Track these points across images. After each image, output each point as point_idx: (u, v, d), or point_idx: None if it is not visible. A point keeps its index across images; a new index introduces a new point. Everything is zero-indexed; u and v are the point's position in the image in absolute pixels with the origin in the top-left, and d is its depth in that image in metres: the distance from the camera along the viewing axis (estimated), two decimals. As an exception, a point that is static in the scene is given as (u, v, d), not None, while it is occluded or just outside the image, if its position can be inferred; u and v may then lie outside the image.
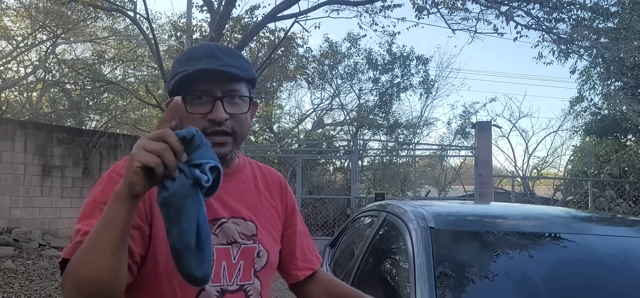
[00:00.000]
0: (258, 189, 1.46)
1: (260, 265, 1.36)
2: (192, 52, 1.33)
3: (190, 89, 1.26)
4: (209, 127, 1.26)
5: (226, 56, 1.30)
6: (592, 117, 13.69)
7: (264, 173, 1.52)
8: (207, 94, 1.26)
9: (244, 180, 1.43)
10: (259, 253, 1.36)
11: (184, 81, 1.25)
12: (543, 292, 1.80)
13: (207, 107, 1.26)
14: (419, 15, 8.96)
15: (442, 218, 2.16)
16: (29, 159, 9.63)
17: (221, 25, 8.47)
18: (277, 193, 1.51)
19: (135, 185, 1.00)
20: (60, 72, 13.33)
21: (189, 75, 1.24)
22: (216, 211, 1.31)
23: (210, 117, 1.26)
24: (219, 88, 1.27)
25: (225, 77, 1.27)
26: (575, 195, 12.44)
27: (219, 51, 1.31)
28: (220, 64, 1.26)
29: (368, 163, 14.94)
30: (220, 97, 1.26)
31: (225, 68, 1.26)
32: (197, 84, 1.25)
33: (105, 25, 14.83)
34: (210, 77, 1.25)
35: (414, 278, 1.76)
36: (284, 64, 12.59)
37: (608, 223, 2.58)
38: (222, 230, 1.30)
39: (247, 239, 1.34)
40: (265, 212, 1.44)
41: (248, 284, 1.32)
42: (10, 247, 8.34)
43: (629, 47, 9.17)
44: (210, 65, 1.25)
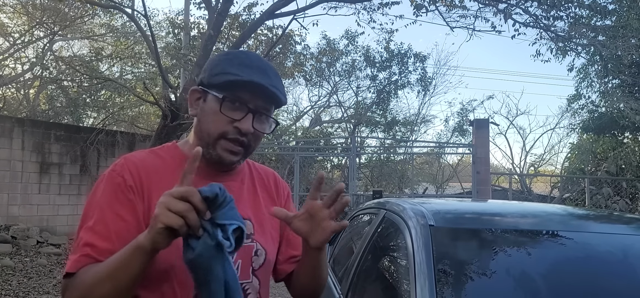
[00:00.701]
0: (255, 188, 1.47)
1: (258, 264, 1.36)
2: (244, 58, 1.34)
3: (230, 92, 1.28)
4: (232, 133, 1.29)
5: (274, 77, 1.34)
6: (589, 115, 13.72)
7: (260, 172, 1.53)
8: (243, 103, 1.29)
9: (243, 179, 1.45)
10: (257, 252, 1.36)
11: (233, 84, 1.27)
12: (541, 289, 1.80)
13: (238, 115, 1.28)
14: (417, 12, 8.96)
15: (441, 216, 2.16)
16: (26, 156, 9.62)
17: (219, 22, 8.46)
18: (273, 191, 1.53)
19: (158, 243, 1.05)
20: (57, 69, 13.28)
21: (244, 83, 1.27)
22: None
23: (237, 125, 1.28)
24: (255, 102, 1.30)
25: (269, 98, 1.31)
26: (573, 193, 12.47)
27: (269, 69, 1.35)
28: (270, 83, 1.30)
29: (365, 160, 14.96)
30: (253, 111, 1.29)
31: (275, 90, 1.30)
32: (238, 90, 1.28)
33: (103, 22, 14.81)
34: (256, 91, 1.29)
35: (413, 275, 1.77)
36: (281, 61, 12.58)
37: (605, 220, 2.59)
38: None
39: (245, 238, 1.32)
40: (263, 210, 1.45)
41: (246, 283, 1.33)
42: (8, 245, 8.33)
43: (626, 44, 9.19)
44: (262, 81, 1.28)
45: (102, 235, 1.18)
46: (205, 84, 1.33)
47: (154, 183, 1.27)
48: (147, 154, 1.35)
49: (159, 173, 1.30)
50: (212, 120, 1.29)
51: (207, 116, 1.31)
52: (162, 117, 8.44)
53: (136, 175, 1.25)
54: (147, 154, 1.35)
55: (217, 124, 1.29)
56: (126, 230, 1.20)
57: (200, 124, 1.33)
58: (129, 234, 1.19)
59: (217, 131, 1.29)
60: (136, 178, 1.25)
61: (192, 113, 1.36)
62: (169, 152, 1.38)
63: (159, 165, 1.32)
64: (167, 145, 1.41)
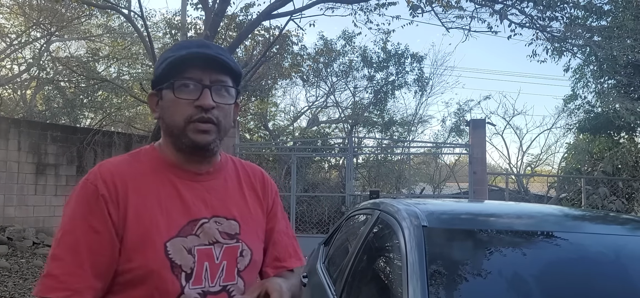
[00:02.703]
0: (241, 186, 1.45)
1: (244, 264, 1.35)
2: (183, 42, 1.36)
3: (178, 76, 1.27)
4: (196, 114, 1.27)
5: (216, 48, 1.34)
6: (585, 115, 13.73)
7: (246, 169, 1.51)
8: (196, 81, 1.27)
9: (227, 177, 1.42)
10: (242, 252, 1.34)
11: (174, 66, 1.27)
12: (536, 290, 1.81)
13: (195, 94, 1.27)
14: (413, 13, 8.98)
15: (435, 217, 2.17)
16: (23, 157, 9.60)
17: (216, 22, 8.46)
18: (260, 189, 1.50)
19: None
20: (54, 70, 13.28)
21: (182, 58, 1.26)
22: (197, 211, 1.30)
23: (198, 104, 1.26)
24: (208, 77, 1.28)
25: (217, 65, 1.30)
26: (569, 193, 12.48)
27: (210, 43, 1.36)
28: (213, 52, 1.30)
29: (363, 160, 14.93)
30: (208, 86, 1.28)
31: (219, 56, 1.30)
32: (187, 71, 1.27)
33: (100, 23, 14.80)
34: (201, 63, 1.28)
35: (406, 276, 1.77)
36: (279, 62, 12.59)
37: (601, 221, 2.60)
38: (204, 230, 1.29)
39: (230, 238, 1.33)
40: (249, 209, 1.43)
41: (231, 284, 1.31)
42: (4, 246, 8.31)
43: (622, 45, 9.21)
44: (203, 50, 1.28)
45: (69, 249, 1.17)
46: (156, 82, 1.33)
47: (131, 188, 1.25)
48: (125, 159, 1.34)
49: (137, 178, 1.28)
50: (173, 110, 1.28)
51: (167, 110, 1.30)
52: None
53: (110, 182, 1.23)
54: (124, 159, 1.34)
55: (178, 111, 1.28)
56: (98, 242, 1.19)
57: (164, 121, 1.32)
58: (100, 246, 1.19)
59: (181, 118, 1.27)
60: (110, 185, 1.23)
61: (155, 117, 1.36)
62: (147, 155, 1.36)
63: (137, 170, 1.30)
64: (145, 148, 1.39)
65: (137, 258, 1.20)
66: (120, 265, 1.21)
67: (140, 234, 1.21)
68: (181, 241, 1.24)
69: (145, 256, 1.20)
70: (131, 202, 1.23)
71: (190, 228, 1.26)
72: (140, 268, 1.19)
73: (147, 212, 1.23)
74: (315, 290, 3.08)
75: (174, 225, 1.25)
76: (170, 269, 1.21)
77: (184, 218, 1.27)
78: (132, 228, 1.21)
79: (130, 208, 1.22)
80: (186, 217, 1.27)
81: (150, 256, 1.20)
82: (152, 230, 1.22)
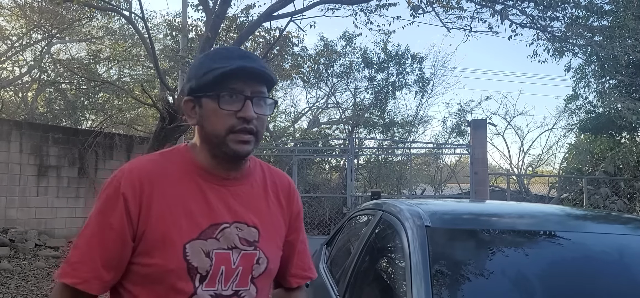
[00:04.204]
0: (266, 193, 1.47)
1: (259, 272, 1.37)
2: (224, 52, 1.37)
3: (221, 87, 1.29)
4: (238, 125, 1.30)
5: (258, 59, 1.37)
6: (586, 115, 13.72)
7: (274, 177, 1.52)
8: (238, 92, 1.30)
9: (253, 183, 1.44)
10: (259, 260, 1.37)
11: (223, 77, 1.29)
12: (538, 289, 1.81)
13: (238, 105, 1.29)
14: (414, 14, 8.97)
15: (438, 217, 2.17)
16: (24, 159, 9.61)
17: (217, 24, 8.46)
18: (284, 199, 1.52)
19: None
20: (55, 72, 13.26)
21: (232, 71, 1.28)
22: (220, 215, 1.32)
23: (241, 115, 1.29)
24: (249, 88, 1.31)
25: (260, 78, 1.33)
26: (570, 193, 12.48)
27: (251, 53, 1.39)
28: (258, 64, 1.32)
29: (364, 161, 14.93)
30: (250, 97, 1.31)
31: (263, 69, 1.32)
32: (231, 82, 1.30)
33: (101, 25, 14.80)
34: (246, 76, 1.30)
35: (410, 276, 1.77)
36: (279, 63, 12.57)
37: (603, 221, 2.60)
38: (224, 235, 1.31)
39: (248, 245, 1.35)
40: (271, 217, 1.45)
41: (243, 290, 1.33)
42: (6, 248, 8.33)
43: (623, 45, 9.21)
44: (250, 64, 1.31)
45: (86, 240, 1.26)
46: (196, 89, 1.34)
47: (156, 188, 1.29)
48: (155, 158, 1.37)
49: (165, 178, 1.31)
50: (216, 120, 1.30)
51: (208, 118, 1.32)
52: (160, 120, 8.44)
53: (136, 181, 1.27)
54: (155, 158, 1.37)
55: (221, 121, 1.30)
56: (110, 238, 1.24)
57: (204, 129, 1.34)
58: (112, 242, 1.25)
59: (224, 128, 1.29)
60: (136, 184, 1.27)
61: (192, 123, 1.38)
62: (179, 155, 1.38)
63: (165, 170, 1.33)
64: (178, 147, 1.42)
65: (157, 256, 1.24)
66: (140, 259, 1.26)
67: (161, 233, 1.25)
68: (201, 244, 1.27)
69: (164, 255, 1.24)
70: (155, 201, 1.27)
71: (211, 231, 1.29)
72: (158, 265, 1.24)
73: (170, 213, 1.27)
74: (318, 290, 3.08)
75: (195, 228, 1.28)
76: (186, 270, 1.25)
77: (206, 222, 1.30)
78: (154, 226, 1.25)
79: (154, 207, 1.26)
80: (208, 221, 1.30)
81: (170, 256, 1.24)
82: (174, 230, 1.26)
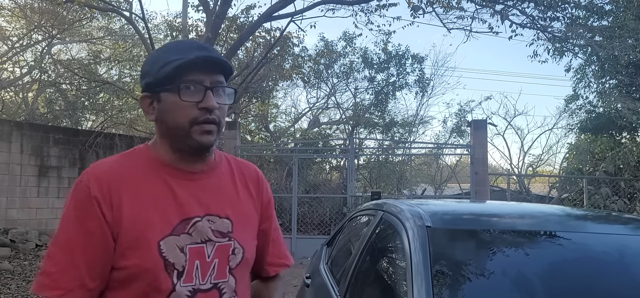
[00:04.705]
0: (235, 184, 1.46)
1: (236, 262, 1.36)
2: (179, 45, 1.37)
3: (179, 79, 1.28)
4: (200, 116, 1.29)
5: (213, 49, 1.37)
6: (587, 115, 13.73)
7: (241, 167, 1.52)
8: (198, 83, 1.29)
9: (221, 175, 1.44)
10: (234, 251, 1.36)
11: (180, 69, 1.28)
12: (539, 290, 1.81)
13: (198, 97, 1.29)
14: (414, 14, 8.98)
15: (438, 217, 2.17)
16: (25, 160, 9.61)
17: (217, 24, 8.47)
18: (254, 188, 1.51)
19: None
20: (56, 73, 13.30)
21: (190, 62, 1.27)
22: (191, 210, 1.31)
23: (203, 106, 1.28)
24: (209, 79, 1.30)
25: (218, 68, 1.33)
26: (571, 193, 12.48)
27: (206, 44, 1.38)
28: (214, 54, 1.33)
29: (364, 162, 14.94)
30: (210, 87, 1.30)
31: (218, 57, 1.32)
32: (190, 74, 1.29)
33: (101, 25, 14.82)
34: (204, 66, 1.30)
35: (411, 276, 1.78)
36: (279, 63, 12.60)
37: (603, 221, 2.60)
38: (196, 229, 1.30)
39: (222, 237, 1.34)
40: (243, 207, 1.44)
41: (222, 282, 1.33)
42: (7, 248, 8.33)
43: (623, 45, 9.22)
44: (205, 54, 1.31)
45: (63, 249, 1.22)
46: (153, 85, 1.33)
47: (124, 188, 1.27)
48: (118, 159, 1.35)
49: (131, 178, 1.30)
50: (178, 113, 1.29)
51: (170, 112, 1.31)
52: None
53: (104, 183, 1.25)
54: (117, 159, 1.35)
55: (183, 114, 1.29)
56: (91, 243, 1.22)
57: (165, 124, 1.33)
58: (94, 246, 1.22)
59: (187, 120, 1.29)
60: (103, 186, 1.25)
61: (151, 119, 1.36)
62: (141, 154, 1.37)
63: (130, 169, 1.32)
64: (139, 147, 1.40)
65: (132, 257, 1.22)
66: (115, 263, 1.23)
67: (135, 233, 1.23)
68: (174, 240, 1.26)
69: (140, 255, 1.22)
70: (125, 202, 1.25)
71: (183, 226, 1.28)
72: (135, 266, 1.22)
73: (142, 211, 1.25)
74: (319, 290, 3.09)
75: (167, 224, 1.27)
76: (163, 267, 1.23)
77: (177, 217, 1.29)
78: (127, 227, 1.23)
79: (125, 208, 1.24)
80: (179, 216, 1.29)
81: (145, 255, 1.22)
82: (147, 229, 1.24)
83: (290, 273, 8.97)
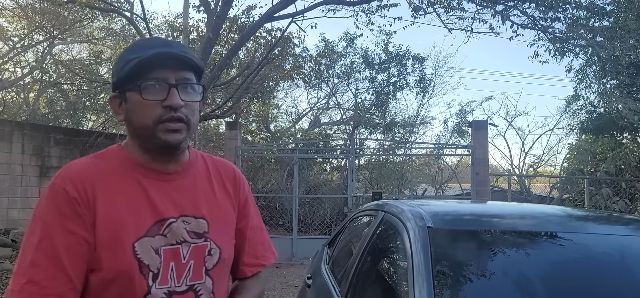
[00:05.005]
0: (211, 183, 1.44)
1: (212, 263, 1.34)
2: (144, 42, 1.34)
3: (143, 77, 1.26)
4: (165, 114, 1.26)
5: (179, 45, 1.33)
6: (588, 116, 13.72)
7: (218, 166, 1.49)
8: (162, 81, 1.26)
9: (196, 175, 1.41)
10: (211, 251, 1.34)
11: (140, 67, 1.25)
12: (540, 290, 1.81)
13: (162, 94, 1.26)
14: (415, 14, 8.98)
15: (439, 218, 2.18)
16: (26, 160, 9.62)
17: (218, 25, 8.47)
18: (231, 186, 1.49)
19: None
20: (57, 73, 13.31)
21: (149, 59, 1.25)
22: (165, 211, 1.29)
23: (166, 104, 1.25)
24: (174, 76, 1.27)
25: (182, 63, 1.29)
26: (572, 193, 12.47)
27: (171, 41, 1.35)
28: (177, 50, 1.29)
29: (365, 162, 14.96)
30: (175, 85, 1.27)
31: (184, 54, 1.29)
32: (152, 71, 1.26)
33: (102, 26, 14.83)
34: (167, 62, 1.27)
35: (412, 277, 1.78)
36: (280, 64, 12.59)
37: (604, 221, 2.60)
38: (171, 230, 1.28)
39: (198, 237, 1.32)
40: (219, 206, 1.42)
41: (198, 283, 1.30)
42: (8, 248, 8.33)
43: (624, 45, 9.21)
44: (168, 50, 1.28)
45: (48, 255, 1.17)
46: (118, 84, 1.31)
47: (98, 189, 1.25)
48: (91, 160, 1.33)
49: (104, 179, 1.27)
50: (142, 112, 1.27)
51: (135, 112, 1.28)
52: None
53: (79, 183, 1.23)
54: (90, 160, 1.33)
55: (148, 113, 1.26)
56: (75, 244, 1.19)
57: (132, 124, 1.30)
58: (78, 247, 1.19)
59: (150, 119, 1.26)
60: (79, 187, 1.23)
61: (120, 119, 1.34)
62: (114, 155, 1.35)
63: (103, 170, 1.29)
64: (112, 147, 1.38)
65: (107, 259, 1.20)
66: (92, 265, 1.21)
67: (109, 235, 1.21)
68: (149, 241, 1.24)
69: (114, 257, 1.20)
70: (99, 203, 1.23)
71: (157, 228, 1.26)
72: (110, 269, 1.20)
73: (116, 213, 1.23)
74: (320, 291, 3.09)
75: (141, 225, 1.25)
76: (138, 269, 1.21)
77: (152, 218, 1.26)
78: (102, 229, 1.21)
79: (99, 209, 1.22)
80: (154, 217, 1.27)
81: (120, 257, 1.20)
82: (121, 230, 1.22)
83: (291, 273, 8.97)
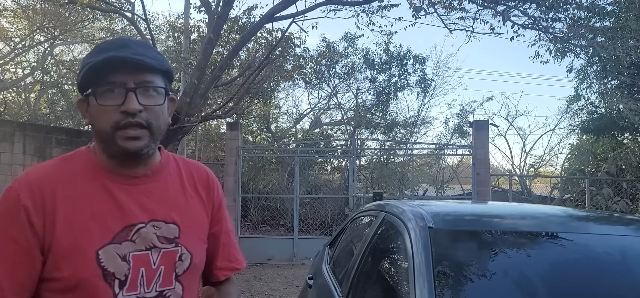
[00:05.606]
0: (184, 187, 1.40)
1: (183, 269, 1.31)
2: (103, 45, 1.29)
3: (101, 81, 1.22)
4: (122, 119, 1.21)
5: (138, 47, 1.27)
6: (589, 116, 13.72)
7: (191, 169, 1.46)
8: (119, 85, 1.22)
9: (167, 178, 1.37)
10: (182, 257, 1.31)
11: (94, 72, 1.21)
12: (541, 290, 1.81)
13: (120, 99, 1.21)
14: (415, 15, 8.97)
15: (440, 218, 2.18)
16: (27, 160, 9.63)
17: (219, 25, 8.47)
18: (204, 190, 1.45)
19: None
20: (58, 73, 13.31)
21: (99, 64, 1.20)
22: (133, 216, 1.26)
23: (123, 109, 1.21)
24: (132, 79, 1.22)
25: (137, 66, 1.23)
26: (573, 194, 12.47)
27: (131, 42, 1.28)
28: (132, 52, 1.23)
29: (365, 162, 14.96)
30: (133, 89, 1.22)
31: (137, 56, 1.23)
32: (109, 75, 1.21)
33: (103, 26, 14.83)
34: (121, 67, 1.22)
35: (413, 277, 1.78)
36: (281, 64, 12.58)
37: (605, 222, 2.60)
38: (140, 235, 1.25)
39: (168, 243, 1.29)
40: (191, 211, 1.39)
41: (168, 289, 1.28)
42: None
43: (625, 45, 9.21)
44: (121, 53, 1.22)
45: None
46: (80, 89, 1.28)
47: (59, 195, 1.21)
48: (56, 163, 1.30)
49: (68, 183, 1.24)
50: (99, 118, 1.23)
51: (94, 117, 1.25)
52: (162, 121, 8.43)
53: (36, 190, 1.20)
54: (55, 163, 1.30)
55: (105, 118, 1.22)
56: (17, 253, 1.16)
57: (94, 129, 1.28)
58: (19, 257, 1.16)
59: (108, 125, 1.22)
60: (36, 194, 1.19)
61: (86, 123, 1.31)
62: (82, 157, 1.31)
63: (67, 174, 1.26)
64: (81, 149, 1.34)
65: (67, 267, 1.17)
66: (50, 273, 1.18)
67: (69, 242, 1.18)
68: (115, 248, 1.21)
69: (75, 264, 1.17)
70: (60, 209, 1.20)
71: (125, 234, 1.23)
72: (70, 277, 1.17)
73: (78, 219, 1.20)
74: (322, 291, 3.09)
75: (107, 232, 1.21)
76: (102, 277, 1.18)
77: (119, 225, 1.23)
78: (61, 235, 1.18)
79: (59, 216, 1.19)
80: (121, 223, 1.24)
81: (81, 264, 1.17)
82: (83, 237, 1.19)
83: (292, 274, 8.97)
